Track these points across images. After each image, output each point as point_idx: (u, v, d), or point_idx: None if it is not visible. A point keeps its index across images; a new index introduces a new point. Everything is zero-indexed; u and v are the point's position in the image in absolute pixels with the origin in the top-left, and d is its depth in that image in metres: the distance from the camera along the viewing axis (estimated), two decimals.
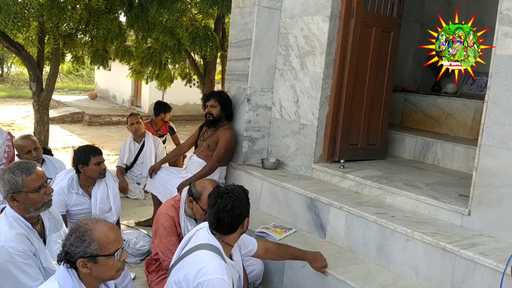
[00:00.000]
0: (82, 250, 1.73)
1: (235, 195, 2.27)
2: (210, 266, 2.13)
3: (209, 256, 2.18)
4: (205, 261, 2.16)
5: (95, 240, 1.75)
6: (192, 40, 6.28)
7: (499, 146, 2.64)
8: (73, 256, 1.73)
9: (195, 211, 2.87)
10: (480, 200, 2.75)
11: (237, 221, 2.26)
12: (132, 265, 3.49)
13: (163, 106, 5.97)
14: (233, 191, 2.30)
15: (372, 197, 3.39)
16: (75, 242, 1.73)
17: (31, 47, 6.78)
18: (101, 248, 1.75)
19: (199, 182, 2.94)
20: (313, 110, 3.86)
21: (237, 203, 2.25)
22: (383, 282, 2.72)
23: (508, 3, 2.61)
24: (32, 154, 3.54)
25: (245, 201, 2.31)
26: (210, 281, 2.08)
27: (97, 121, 14.31)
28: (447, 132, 4.62)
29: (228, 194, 2.27)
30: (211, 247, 2.22)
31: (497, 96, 2.65)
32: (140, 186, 5.25)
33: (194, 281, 2.11)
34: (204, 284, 2.08)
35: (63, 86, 24.48)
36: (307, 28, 3.88)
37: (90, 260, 1.74)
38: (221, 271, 2.12)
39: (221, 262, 2.17)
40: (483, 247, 2.53)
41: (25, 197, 2.24)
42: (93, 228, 1.77)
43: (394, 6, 4.05)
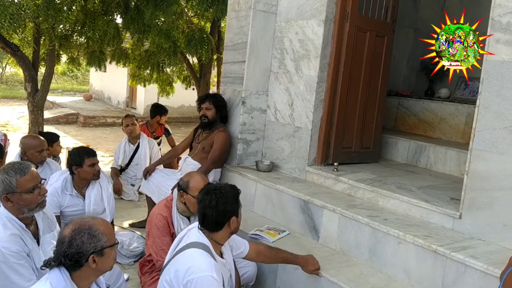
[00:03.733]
0: (94, 245, 1.79)
1: (221, 192, 2.29)
2: (199, 264, 2.15)
3: (199, 254, 2.20)
4: (194, 259, 2.17)
5: (103, 233, 1.83)
6: (188, 43, 6.31)
7: (490, 151, 2.67)
8: (84, 255, 1.78)
9: (187, 203, 2.87)
10: (471, 204, 2.78)
11: (223, 218, 2.28)
12: (126, 267, 3.50)
13: (160, 109, 5.98)
14: (221, 188, 2.33)
15: (365, 200, 3.42)
16: (87, 240, 1.78)
17: (26, 48, 6.78)
18: (108, 240, 1.84)
19: (185, 174, 2.98)
20: (308, 113, 3.88)
21: (222, 199, 2.26)
22: (375, 284, 2.74)
23: (500, 10, 2.65)
24: (44, 153, 3.62)
25: (233, 199, 2.32)
26: (199, 278, 2.10)
27: (91, 122, 14.26)
28: (440, 136, 4.66)
29: (215, 191, 2.30)
30: (200, 245, 2.24)
31: (488, 101, 2.69)
32: (134, 188, 5.26)
33: (184, 279, 2.12)
34: (193, 281, 2.10)
35: (58, 87, 24.39)
36: (302, 32, 3.91)
37: (98, 254, 1.80)
38: (210, 269, 2.13)
39: (211, 260, 2.18)
40: (474, 250, 2.56)
41: (19, 197, 2.25)
42: (95, 223, 1.85)
43: (388, 11, 4.08)
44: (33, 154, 3.58)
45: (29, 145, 3.61)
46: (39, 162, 3.61)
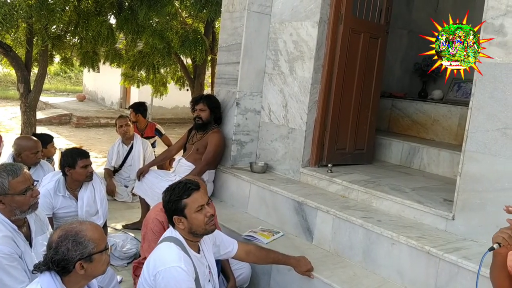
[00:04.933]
0: (80, 252, 1.76)
1: (172, 188, 2.33)
2: (166, 255, 2.19)
3: (167, 246, 2.24)
4: (163, 252, 2.23)
5: (90, 239, 1.79)
6: (182, 44, 6.29)
7: (483, 152, 2.69)
8: (70, 262, 1.75)
9: None
10: (464, 205, 2.79)
11: (168, 212, 2.32)
12: (119, 268, 3.48)
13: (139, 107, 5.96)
14: (178, 183, 2.36)
15: (358, 201, 3.43)
16: (72, 247, 1.75)
17: (19, 48, 6.72)
18: (96, 246, 1.80)
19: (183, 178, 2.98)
20: (302, 114, 3.89)
21: (167, 193, 2.33)
22: (369, 285, 2.75)
23: (493, 12, 2.67)
24: (39, 155, 3.58)
25: (178, 194, 2.30)
26: (167, 269, 2.13)
27: (85, 123, 14.19)
28: (433, 137, 4.68)
29: (173, 185, 2.35)
30: (172, 239, 2.29)
31: (480, 102, 2.70)
32: (128, 189, 5.23)
33: (153, 271, 2.17)
34: (161, 272, 2.13)
35: (51, 87, 24.22)
36: (296, 33, 3.92)
37: (86, 260, 1.77)
38: (178, 260, 2.16)
39: (180, 252, 2.21)
40: (467, 251, 2.58)
41: (11, 199, 2.23)
42: (82, 229, 1.81)
43: (382, 13, 4.10)
44: (28, 155, 3.55)
45: (24, 146, 3.58)
46: (33, 164, 3.59)
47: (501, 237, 1.81)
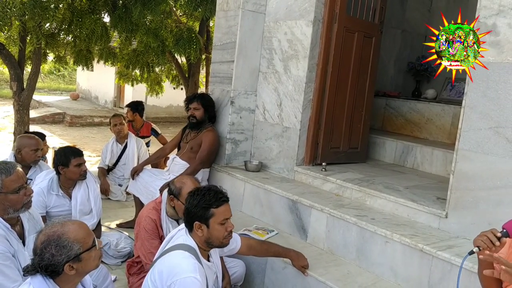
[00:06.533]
0: (66, 255, 1.72)
1: (194, 193, 2.28)
2: (183, 265, 2.15)
3: (183, 256, 2.19)
4: (179, 261, 2.17)
5: (74, 241, 1.75)
6: (176, 42, 6.28)
7: (475, 151, 2.71)
8: (57, 265, 1.72)
9: (177, 209, 2.85)
10: (457, 203, 2.81)
11: (188, 218, 2.28)
12: (113, 267, 3.47)
13: (137, 106, 5.95)
14: (201, 190, 2.30)
15: (352, 200, 3.44)
16: (57, 252, 1.71)
17: (12, 46, 6.67)
18: (82, 245, 1.76)
19: (178, 178, 2.97)
20: (296, 113, 3.90)
21: (191, 200, 2.26)
22: (362, 283, 2.76)
23: (485, 12, 2.69)
24: (39, 153, 3.58)
25: (203, 205, 2.24)
26: (183, 279, 2.10)
27: (78, 122, 14.12)
28: (427, 136, 4.71)
29: (197, 191, 2.29)
30: (186, 247, 2.24)
31: (473, 102, 2.72)
32: (122, 188, 5.21)
33: (167, 281, 2.13)
34: (176, 283, 2.10)
35: (44, 86, 24.07)
36: (291, 32, 3.92)
37: (75, 261, 1.74)
38: (193, 270, 2.13)
39: (195, 262, 2.18)
40: (460, 249, 2.60)
41: (5, 198, 2.22)
42: (64, 231, 1.76)
43: (376, 12, 4.12)
44: (28, 152, 3.53)
45: (24, 143, 3.57)
46: (32, 162, 3.57)
47: (480, 240, 1.84)
